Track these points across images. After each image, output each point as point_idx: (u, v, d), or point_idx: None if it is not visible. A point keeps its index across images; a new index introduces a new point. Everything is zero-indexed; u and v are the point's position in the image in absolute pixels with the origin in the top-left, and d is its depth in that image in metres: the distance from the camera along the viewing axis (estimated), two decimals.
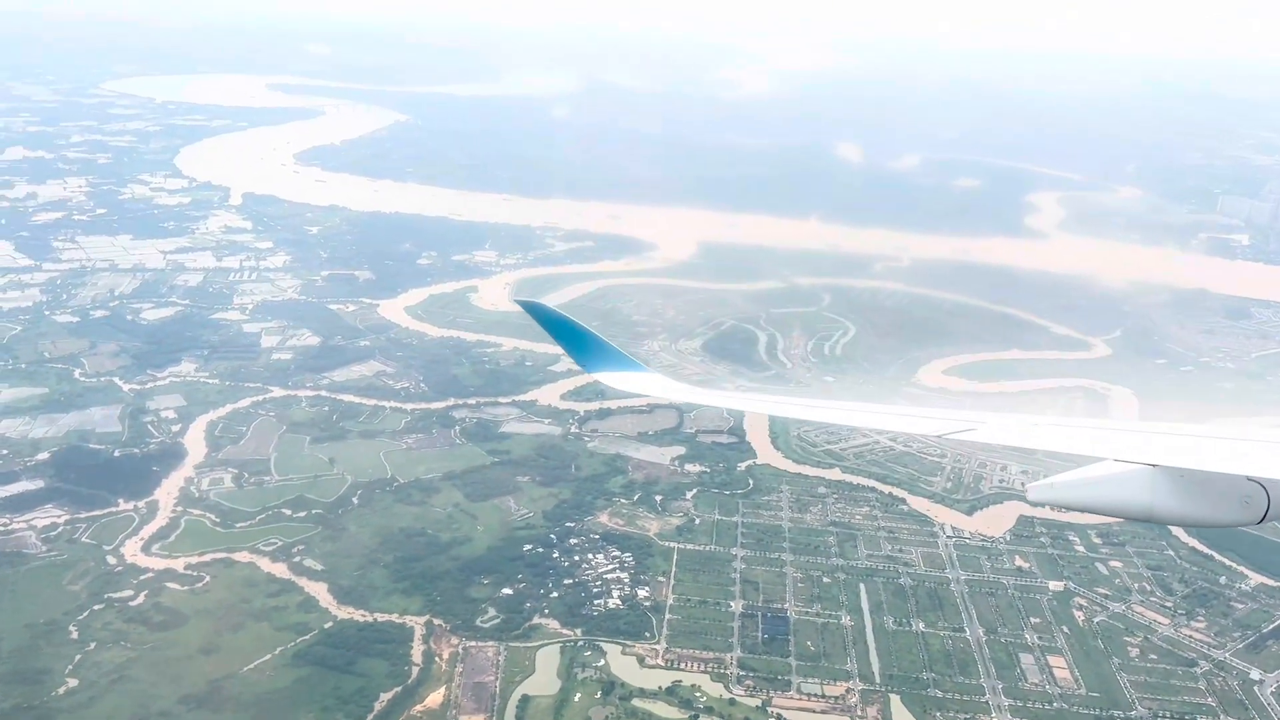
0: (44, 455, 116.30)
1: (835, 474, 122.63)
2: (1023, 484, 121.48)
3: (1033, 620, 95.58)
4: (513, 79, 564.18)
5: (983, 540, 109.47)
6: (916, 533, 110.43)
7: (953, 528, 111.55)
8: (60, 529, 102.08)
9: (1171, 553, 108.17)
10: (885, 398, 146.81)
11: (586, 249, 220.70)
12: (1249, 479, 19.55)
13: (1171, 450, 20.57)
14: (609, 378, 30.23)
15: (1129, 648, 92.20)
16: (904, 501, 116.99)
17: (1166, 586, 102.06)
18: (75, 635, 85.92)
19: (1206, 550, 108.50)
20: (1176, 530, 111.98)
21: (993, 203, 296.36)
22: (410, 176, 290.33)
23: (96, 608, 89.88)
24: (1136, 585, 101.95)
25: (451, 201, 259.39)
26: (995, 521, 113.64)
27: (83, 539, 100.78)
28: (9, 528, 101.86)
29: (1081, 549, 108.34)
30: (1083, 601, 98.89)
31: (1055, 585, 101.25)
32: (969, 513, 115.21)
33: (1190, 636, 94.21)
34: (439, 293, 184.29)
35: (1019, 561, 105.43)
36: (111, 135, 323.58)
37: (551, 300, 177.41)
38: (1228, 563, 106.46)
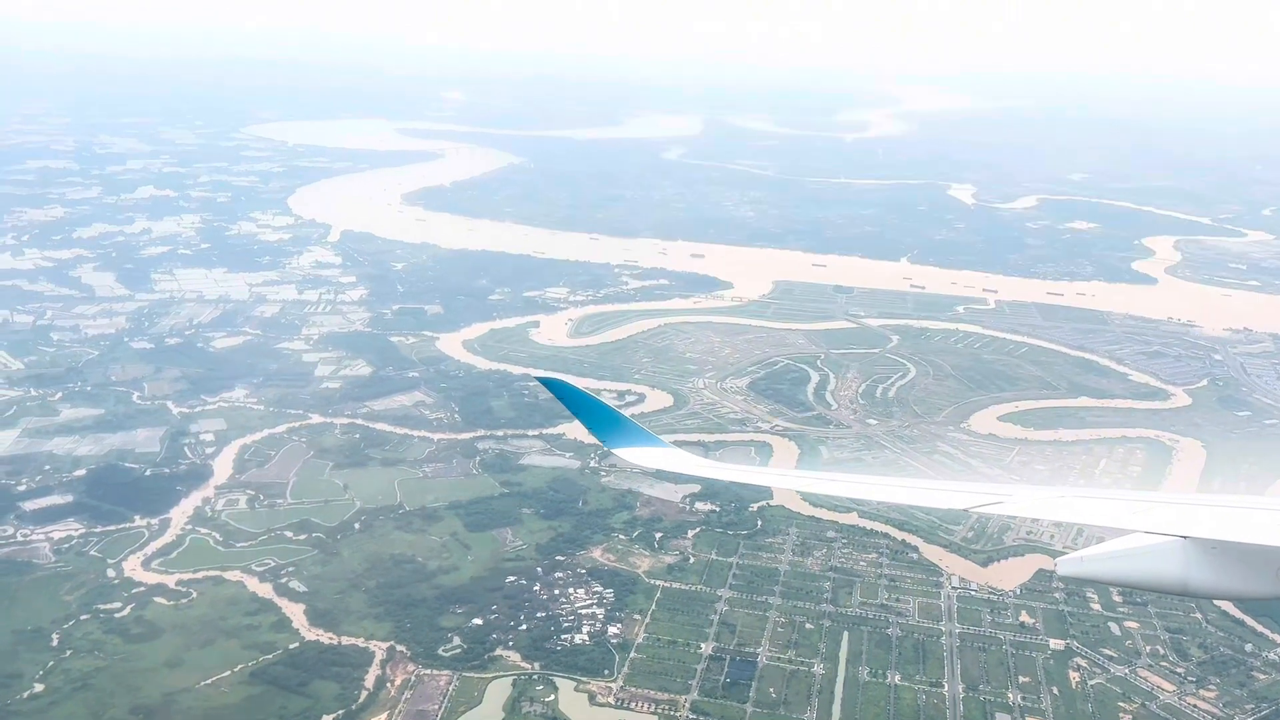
0: (81, 472, 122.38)
1: (851, 518, 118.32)
2: (1052, 536, 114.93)
3: (1021, 679, 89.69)
4: (636, 122, 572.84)
5: (991, 593, 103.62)
6: (920, 582, 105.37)
7: (960, 579, 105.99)
8: (74, 542, 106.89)
9: (1199, 615, 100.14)
10: (926, 441, 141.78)
11: (660, 287, 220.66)
12: None
13: (1204, 521, 20.14)
14: (628, 453, 30.60)
15: (1121, 714, 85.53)
16: (916, 549, 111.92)
17: (1182, 651, 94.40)
18: (55, 643, 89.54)
19: (1238, 615, 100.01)
20: None
21: (1103, 245, 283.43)
22: (508, 216, 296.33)
23: (83, 617, 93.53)
24: (1149, 648, 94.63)
25: (540, 240, 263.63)
26: (1010, 574, 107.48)
27: (91, 552, 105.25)
28: (29, 539, 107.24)
29: (1097, 607, 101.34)
30: (1083, 662, 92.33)
31: (1057, 643, 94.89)
32: (984, 564, 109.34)
33: (1194, 706, 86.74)
34: (501, 327, 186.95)
35: (1024, 617, 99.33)
36: (237, 176, 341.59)
37: (606, 336, 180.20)
38: (1260, 629, 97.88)
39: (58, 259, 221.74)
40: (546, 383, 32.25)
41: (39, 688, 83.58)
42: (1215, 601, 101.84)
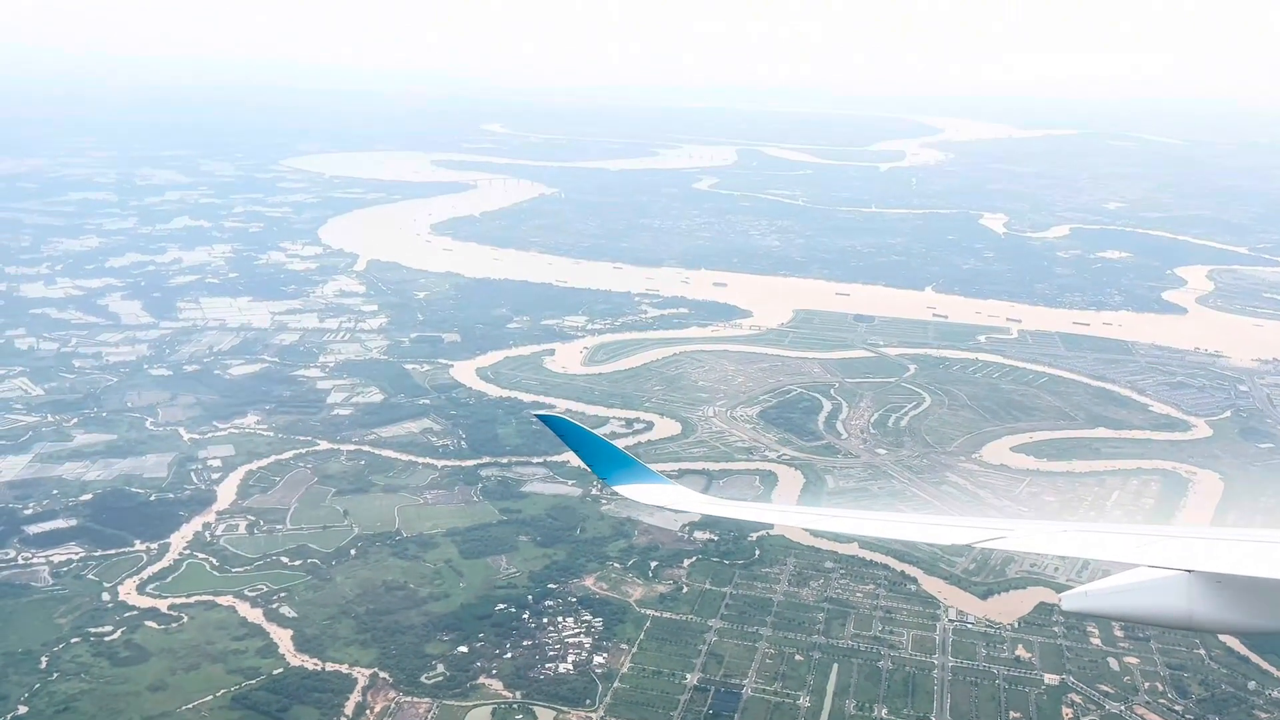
0: (87, 496, 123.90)
1: (852, 549, 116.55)
2: (1056, 568, 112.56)
3: (1012, 715, 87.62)
4: (672, 154, 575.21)
5: (988, 626, 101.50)
6: (916, 614, 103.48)
7: (959, 611, 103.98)
8: (73, 565, 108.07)
9: (1202, 652, 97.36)
10: (935, 472, 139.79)
11: (678, 315, 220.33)
12: None
13: (1208, 555, 20.05)
14: (629, 490, 30.77)
15: None
16: (915, 581, 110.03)
17: (1182, 688, 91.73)
18: (44, 665, 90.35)
19: (1244, 652, 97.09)
20: None
21: (1134, 275, 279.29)
22: (534, 245, 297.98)
23: (74, 640, 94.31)
24: (1147, 685, 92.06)
25: (563, 269, 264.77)
26: (1010, 607, 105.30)
27: (89, 576, 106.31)
28: (29, 561, 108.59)
29: (1098, 642, 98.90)
30: (1077, 699, 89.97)
31: (1052, 678, 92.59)
32: (984, 596, 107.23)
33: None
34: (516, 355, 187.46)
35: (1020, 651, 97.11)
36: (271, 206, 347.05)
37: (620, 364, 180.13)
38: (1265, 667, 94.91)
39: (88, 288, 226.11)
40: (546, 420, 32.54)
41: (22, 710, 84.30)
42: (1220, 637, 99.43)
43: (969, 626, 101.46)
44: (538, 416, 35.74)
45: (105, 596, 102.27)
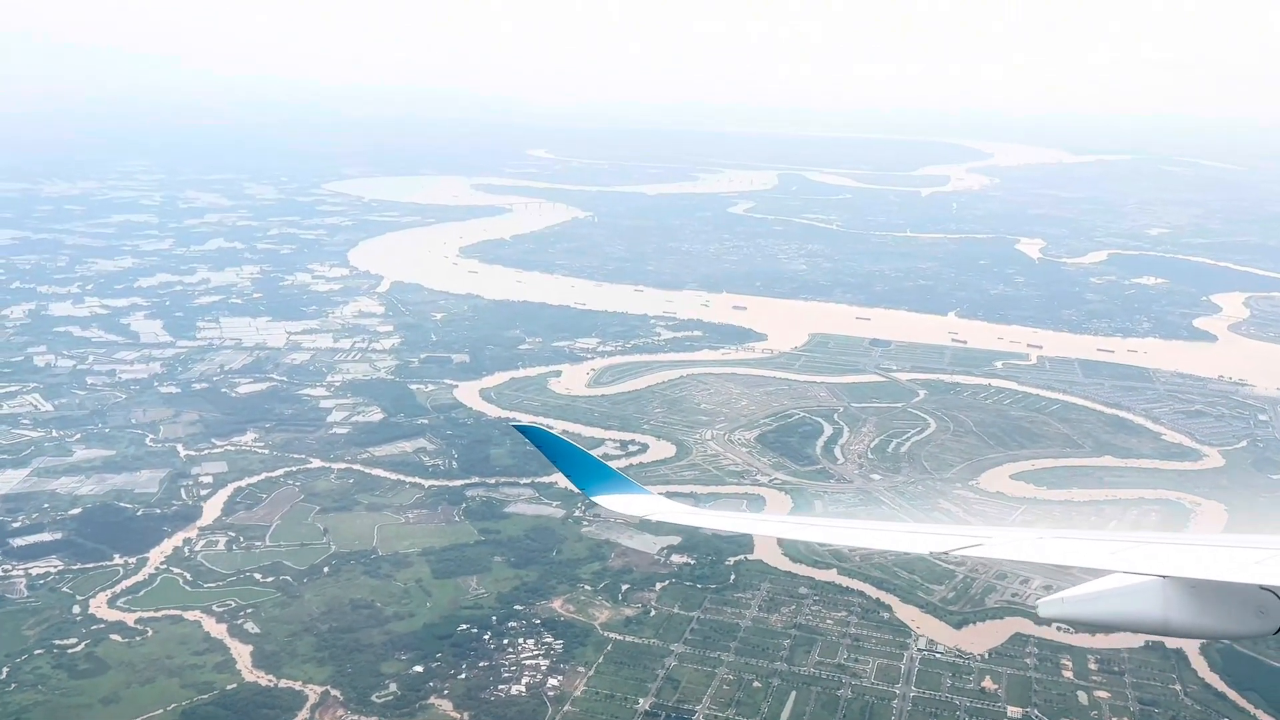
0: (76, 510, 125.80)
1: (830, 575, 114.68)
2: (1038, 598, 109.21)
3: None
4: (712, 178, 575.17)
5: (958, 656, 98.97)
6: (885, 643, 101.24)
7: (929, 640, 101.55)
8: (50, 578, 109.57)
9: (1178, 687, 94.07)
10: (928, 498, 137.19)
11: (692, 338, 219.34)
12: (1262, 588, 19.08)
13: (1182, 561, 20.34)
14: (607, 500, 30.82)
15: None
16: (890, 608, 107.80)
17: None
18: (4, 675, 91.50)
19: (1220, 688, 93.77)
20: (1197, 663, 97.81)
21: (1167, 301, 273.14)
22: (558, 268, 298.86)
23: (37, 652, 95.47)
24: None
25: (584, 291, 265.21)
26: (983, 637, 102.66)
27: (64, 588, 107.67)
28: (9, 574, 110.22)
29: (1069, 674, 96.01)
30: None
31: (1015, 711, 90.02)
32: (958, 626, 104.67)
33: None
34: (522, 376, 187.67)
35: (987, 683, 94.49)
36: (306, 229, 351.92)
37: (625, 386, 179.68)
38: (1242, 704, 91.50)
39: (114, 307, 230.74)
40: (525, 431, 32.62)
41: None
42: (1202, 672, 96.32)
43: (938, 656, 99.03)
44: (516, 427, 36.16)
45: (76, 609, 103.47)
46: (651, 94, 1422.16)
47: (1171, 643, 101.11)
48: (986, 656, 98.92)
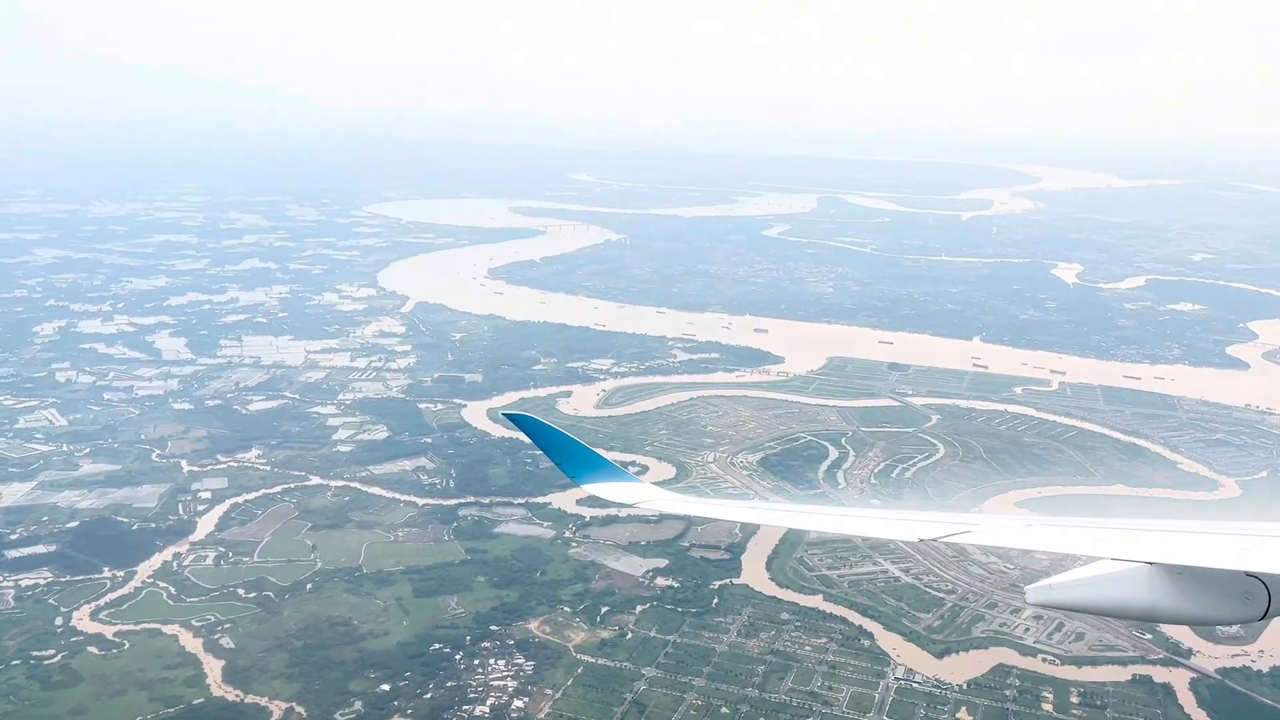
0: (73, 524, 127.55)
1: (816, 601, 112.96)
2: (1026, 629, 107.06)
3: None
4: (751, 201, 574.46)
5: (936, 686, 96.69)
6: (862, 671, 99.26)
7: (908, 669, 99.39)
8: (39, 590, 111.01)
9: None
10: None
11: (708, 360, 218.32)
12: (1248, 574, 19.26)
13: (1169, 548, 20.29)
14: (598, 488, 30.75)
15: None
16: (872, 636, 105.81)
17: None
18: None
19: None
20: (1184, 698, 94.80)
21: (1201, 328, 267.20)
22: (583, 290, 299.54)
23: (14, 663, 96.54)
24: None
25: (606, 313, 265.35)
26: (966, 667, 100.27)
27: (50, 600, 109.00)
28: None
29: (1049, 708, 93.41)
30: None
31: None
32: (940, 655, 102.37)
33: None
34: (532, 397, 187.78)
35: (963, 715, 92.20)
36: (340, 250, 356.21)
37: (634, 407, 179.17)
38: None
39: (141, 324, 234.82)
40: (514, 418, 32.23)
41: None
42: (1190, 708, 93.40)
43: (915, 686, 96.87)
44: (505, 415, 35.41)
45: (58, 621, 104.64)
46: (696, 116, 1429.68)
47: (1159, 676, 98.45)
48: (965, 687, 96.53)
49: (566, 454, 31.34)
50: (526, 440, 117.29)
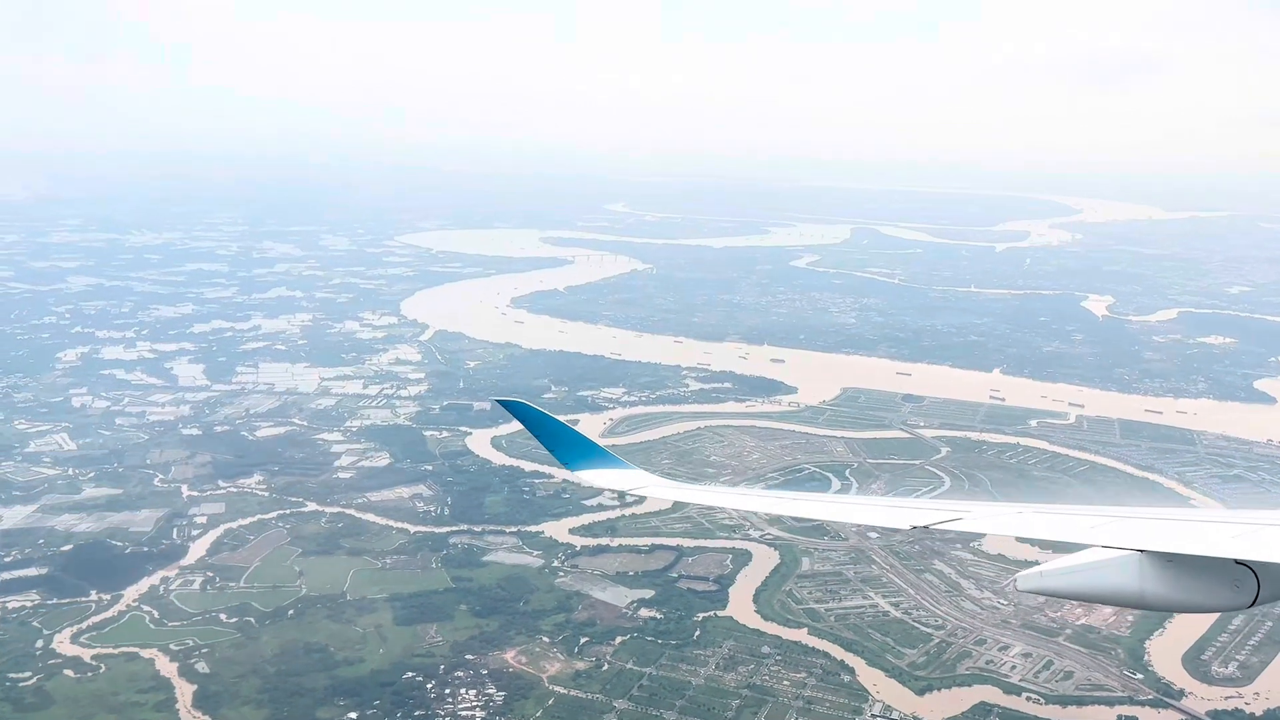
0: (67, 547, 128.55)
1: (800, 634, 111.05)
2: (1013, 666, 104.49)
3: None
4: (783, 231, 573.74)
5: None
6: (838, 707, 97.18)
7: (885, 706, 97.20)
8: (24, 612, 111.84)
9: None
10: (923, 558, 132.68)
11: (720, 390, 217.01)
12: (1237, 562, 19.50)
13: (1159, 535, 20.83)
14: (591, 476, 31.19)
15: None
16: (853, 671, 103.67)
17: None
18: None
19: None
20: None
21: (1230, 361, 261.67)
22: (603, 319, 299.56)
23: None
24: None
25: (624, 342, 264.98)
26: (946, 705, 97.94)
27: (34, 623, 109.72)
28: None
29: None
30: None
31: None
32: (921, 692, 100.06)
33: None
34: None
35: None
36: (367, 279, 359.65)
37: (639, 436, 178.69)
38: None
39: (162, 351, 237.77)
40: (506, 404, 32.10)
41: None
42: None
43: None
44: (497, 400, 34.87)
45: (39, 643, 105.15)
46: (735, 147, 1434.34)
47: (1146, 718, 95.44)
48: None
49: (560, 440, 31.38)
50: (529, 469, 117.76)
